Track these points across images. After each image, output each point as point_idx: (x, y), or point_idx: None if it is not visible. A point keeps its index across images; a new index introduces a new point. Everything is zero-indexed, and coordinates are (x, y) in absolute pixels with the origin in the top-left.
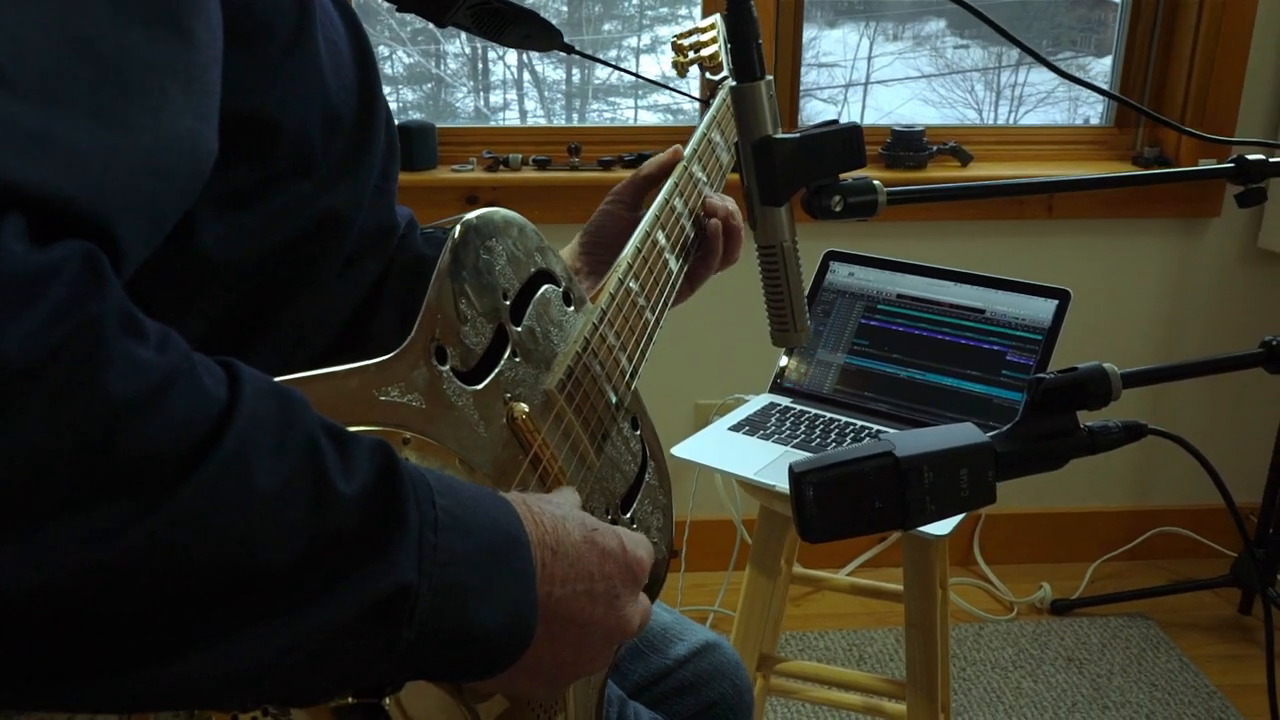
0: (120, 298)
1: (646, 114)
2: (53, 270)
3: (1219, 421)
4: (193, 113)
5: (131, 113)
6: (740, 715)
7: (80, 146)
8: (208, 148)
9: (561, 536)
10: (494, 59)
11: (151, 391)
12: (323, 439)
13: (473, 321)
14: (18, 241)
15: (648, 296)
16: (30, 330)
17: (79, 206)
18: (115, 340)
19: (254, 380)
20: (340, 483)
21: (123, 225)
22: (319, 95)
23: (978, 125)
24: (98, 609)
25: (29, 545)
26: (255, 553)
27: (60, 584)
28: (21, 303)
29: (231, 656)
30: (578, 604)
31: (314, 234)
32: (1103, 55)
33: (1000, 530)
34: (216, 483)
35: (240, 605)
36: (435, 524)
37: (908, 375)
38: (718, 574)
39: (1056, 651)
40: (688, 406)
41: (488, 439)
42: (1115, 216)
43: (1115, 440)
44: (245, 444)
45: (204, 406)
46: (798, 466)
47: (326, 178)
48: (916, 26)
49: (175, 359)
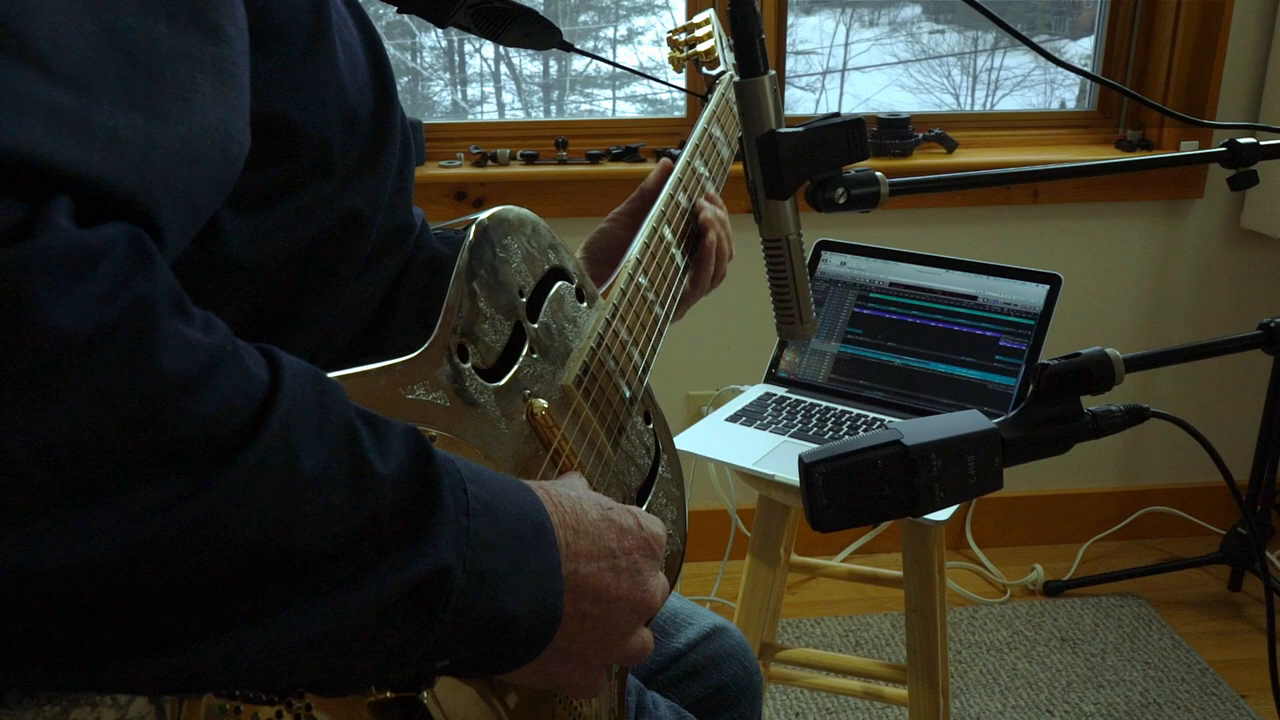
0: (169, 278)
1: (625, 105)
2: (104, 249)
3: (1206, 401)
4: (224, 106)
5: (164, 102)
6: (749, 696)
7: (120, 133)
8: (240, 140)
9: (580, 516)
10: (470, 52)
11: (201, 370)
12: (358, 422)
13: (491, 319)
14: (68, 220)
15: (657, 291)
16: (85, 306)
17: (122, 191)
18: (166, 319)
19: (293, 364)
20: (378, 464)
21: (164, 213)
22: (337, 97)
23: (961, 111)
24: (143, 587)
25: (79, 521)
26: (298, 533)
27: (108, 560)
28: (75, 279)
29: (274, 638)
30: (602, 580)
31: (335, 233)
32: (1078, 38)
33: (992, 514)
34: (264, 463)
35: (282, 586)
36: (467, 509)
37: (902, 362)
38: (713, 564)
39: (1050, 632)
40: (679, 397)
41: (509, 435)
42: (1100, 200)
43: (1118, 424)
44: (289, 426)
45: (249, 388)
46: (808, 457)
47: (346, 178)
48: (892, 12)
49: (221, 340)
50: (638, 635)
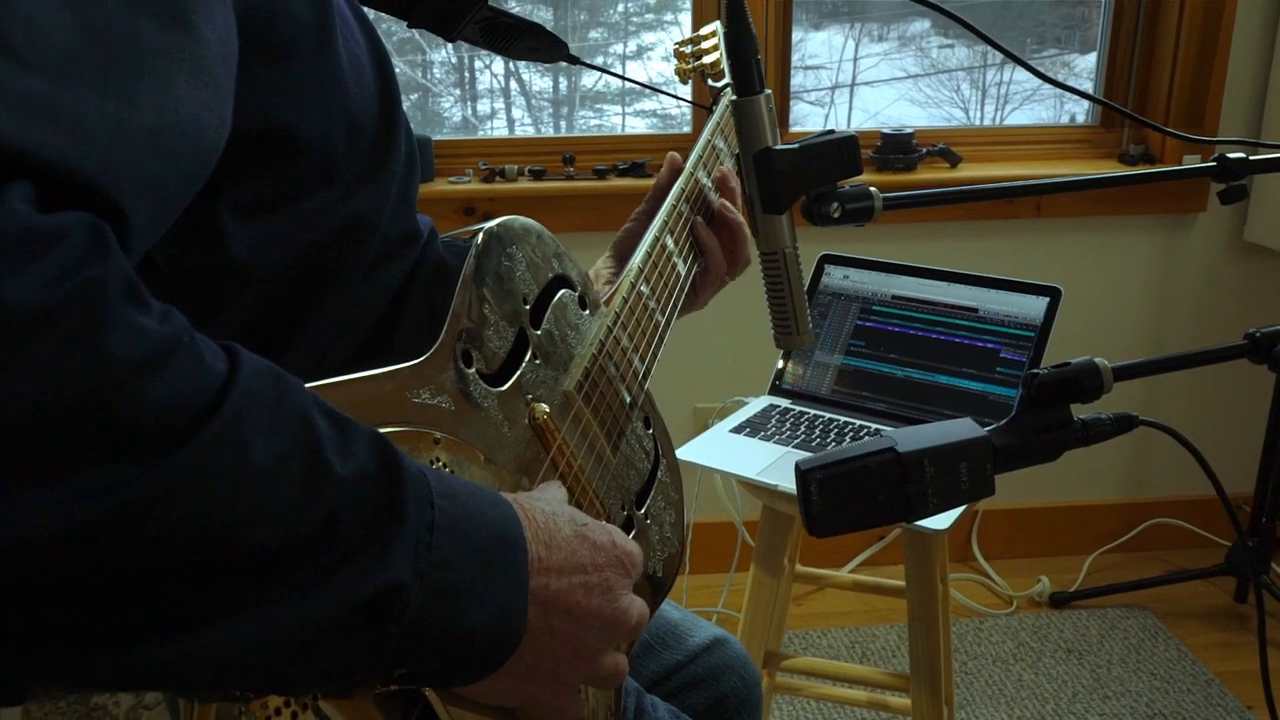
0: (124, 266)
1: (634, 120)
2: (59, 233)
3: (1210, 413)
4: (198, 101)
5: (138, 92)
6: (749, 708)
7: (89, 119)
8: (211, 137)
9: (553, 530)
10: (480, 68)
11: (151, 356)
12: (319, 420)
13: (496, 326)
14: (24, 204)
15: (658, 299)
16: (34, 285)
17: (86, 178)
18: (117, 304)
19: (251, 360)
20: (336, 464)
21: (129, 201)
22: (341, 105)
23: (965, 126)
24: (87, 575)
25: (24, 497)
26: (249, 530)
27: (52, 539)
28: (26, 258)
29: (225, 643)
30: (573, 596)
31: (339, 239)
32: (1087, 52)
33: (997, 526)
34: (213, 451)
35: (234, 587)
36: (432, 524)
37: (904, 374)
38: (720, 575)
39: (1056, 643)
40: (687, 410)
41: (511, 438)
42: (1103, 214)
43: (1107, 431)
44: (240, 416)
45: (202, 378)
46: (804, 464)
47: (350, 184)
48: (901, 27)
49: (177, 330)
50: (610, 656)
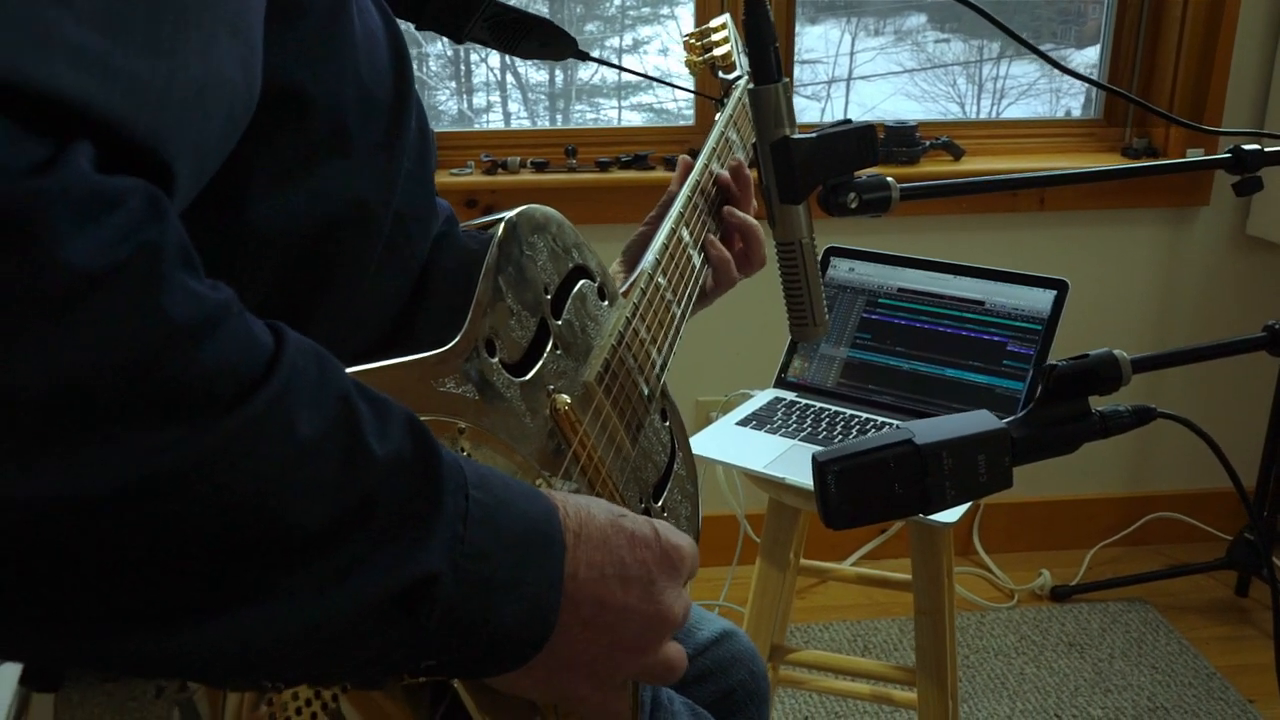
0: (179, 231)
1: (630, 114)
2: (119, 196)
3: (1213, 405)
4: (237, 60)
5: (183, 50)
6: (757, 700)
7: (140, 77)
8: (244, 99)
9: (585, 520)
10: (476, 61)
11: (205, 321)
12: (358, 400)
13: (518, 315)
14: (89, 164)
15: (674, 291)
16: (98, 245)
17: (140, 135)
18: (174, 268)
19: (295, 336)
20: (374, 444)
21: (177, 160)
22: (353, 75)
23: (968, 119)
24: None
25: (80, 454)
26: (287, 504)
27: (98, 503)
28: (90, 219)
29: (260, 627)
30: (606, 587)
31: (352, 214)
32: (1084, 47)
33: (999, 519)
34: (261, 421)
35: (268, 568)
36: (466, 516)
37: (910, 367)
38: (722, 569)
39: (1058, 637)
40: (688, 403)
41: (533, 429)
42: (1107, 207)
43: (1125, 424)
44: (288, 389)
45: (251, 348)
46: (821, 456)
47: (362, 157)
48: (897, 21)
49: (227, 299)
50: (661, 652)
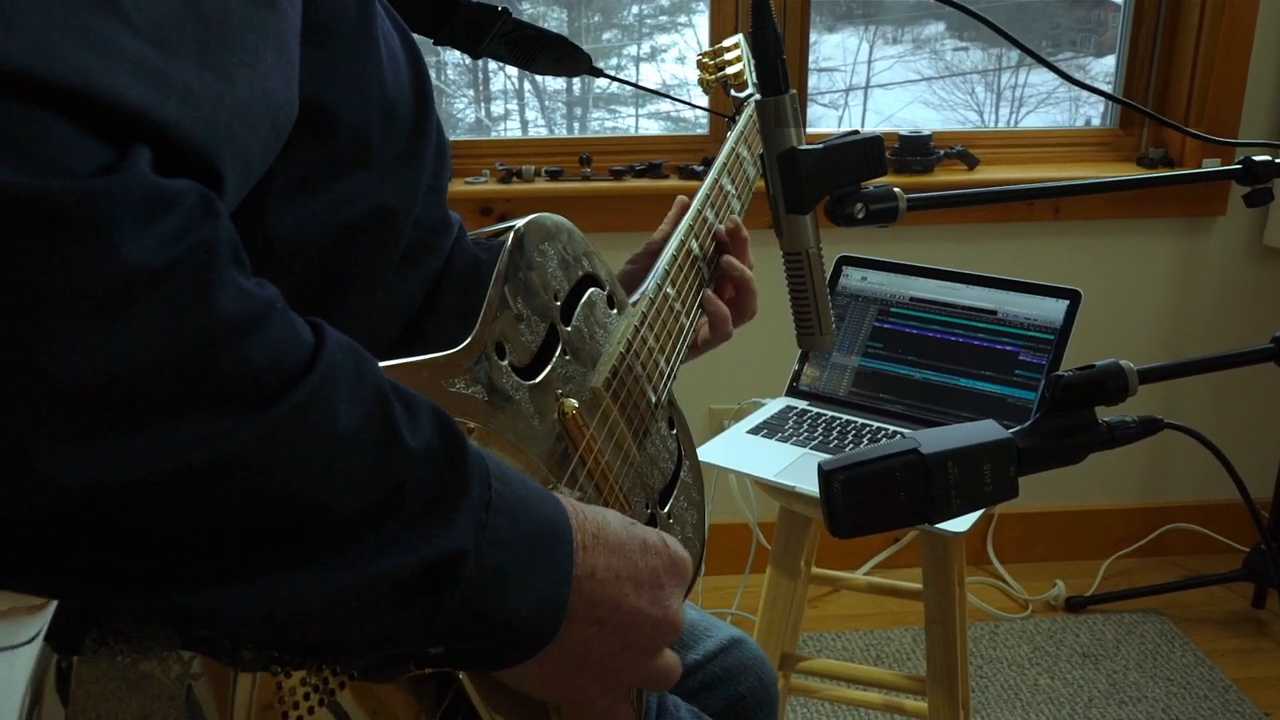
0: (231, 230)
1: (648, 122)
2: (178, 197)
3: (1229, 417)
4: (279, 75)
5: (230, 65)
6: (766, 708)
7: (194, 89)
8: (286, 112)
9: (602, 525)
10: (494, 69)
11: (253, 317)
12: (391, 395)
13: (528, 320)
14: (149, 167)
15: (683, 301)
16: (156, 243)
17: (194, 143)
18: (225, 266)
19: (334, 332)
20: (407, 436)
21: (225, 167)
22: (378, 90)
23: (982, 129)
24: (183, 517)
25: (135, 441)
26: (324, 491)
27: (156, 481)
28: (149, 218)
29: (295, 592)
30: (621, 589)
31: (371, 224)
32: (1102, 56)
33: (1013, 529)
34: (303, 412)
35: (308, 543)
36: (488, 503)
37: (922, 377)
38: (734, 577)
39: (1072, 648)
40: (701, 411)
41: (541, 432)
42: (1122, 217)
43: (1132, 434)
44: (329, 381)
45: (295, 342)
46: (827, 465)
47: (383, 170)
48: (916, 30)
49: (272, 296)
50: (664, 657)
